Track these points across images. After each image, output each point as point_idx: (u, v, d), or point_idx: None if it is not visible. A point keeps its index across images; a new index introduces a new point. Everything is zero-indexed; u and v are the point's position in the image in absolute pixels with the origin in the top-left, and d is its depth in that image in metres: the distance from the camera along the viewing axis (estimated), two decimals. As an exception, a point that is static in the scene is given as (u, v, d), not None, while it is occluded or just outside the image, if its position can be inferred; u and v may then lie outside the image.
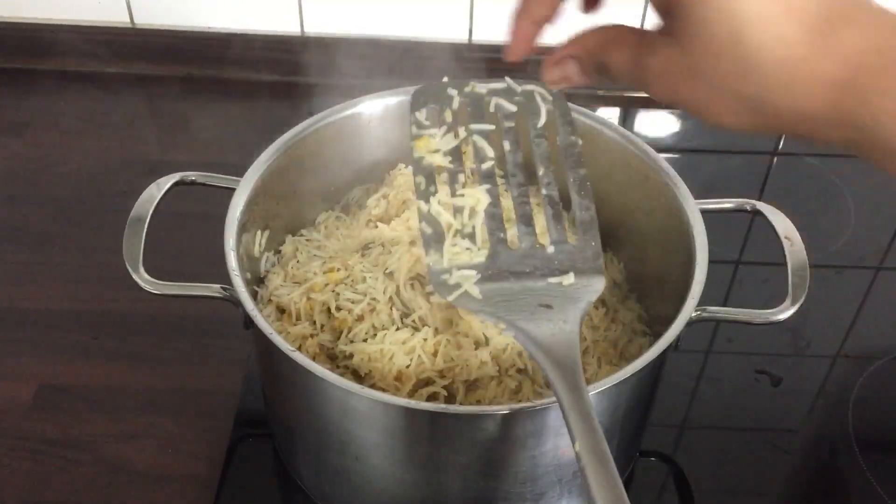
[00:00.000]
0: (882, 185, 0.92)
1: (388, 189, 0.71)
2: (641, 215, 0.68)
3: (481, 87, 0.54)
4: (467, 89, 0.54)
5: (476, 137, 0.53)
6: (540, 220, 0.53)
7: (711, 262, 0.60)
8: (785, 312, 0.60)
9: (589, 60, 0.41)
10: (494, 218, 0.53)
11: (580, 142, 0.53)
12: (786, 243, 0.63)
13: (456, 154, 0.54)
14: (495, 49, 0.48)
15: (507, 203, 0.54)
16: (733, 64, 0.33)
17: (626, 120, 1.04)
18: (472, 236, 0.53)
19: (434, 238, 0.52)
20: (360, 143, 0.73)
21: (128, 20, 1.04)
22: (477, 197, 0.53)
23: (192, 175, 0.67)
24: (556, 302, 0.50)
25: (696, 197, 0.64)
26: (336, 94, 0.76)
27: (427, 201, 0.53)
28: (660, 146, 0.98)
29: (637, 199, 0.68)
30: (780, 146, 1.01)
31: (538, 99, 0.54)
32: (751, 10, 0.32)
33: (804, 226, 0.65)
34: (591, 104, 1.00)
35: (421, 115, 0.54)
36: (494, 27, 1.02)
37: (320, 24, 1.04)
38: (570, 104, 0.55)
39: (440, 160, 0.53)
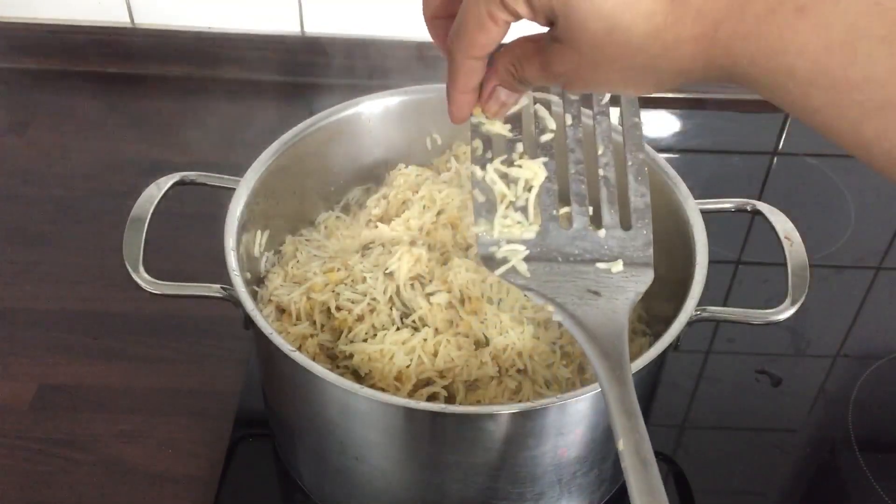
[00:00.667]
0: (882, 184, 0.92)
1: (388, 189, 0.71)
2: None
3: None
4: None
5: (538, 107, 0.51)
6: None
7: (711, 262, 0.60)
8: (785, 312, 0.60)
9: (511, 81, 0.45)
10: (549, 193, 0.51)
11: (643, 124, 0.52)
12: (786, 243, 0.63)
13: (516, 122, 0.51)
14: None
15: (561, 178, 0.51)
16: (617, 48, 0.38)
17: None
18: (524, 210, 0.51)
19: (486, 207, 0.51)
20: (360, 143, 0.73)
21: (128, 20, 1.04)
22: (534, 170, 0.50)
23: (192, 175, 0.67)
24: (605, 290, 0.48)
25: (696, 197, 0.64)
26: (336, 94, 0.76)
27: (483, 168, 0.51)
28: (660, 146, 0.98)
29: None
30: (780, 146, 1.01)
31: None
32: (613, 1, 0.37)
33: (804, 226, 0.65)
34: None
35: None
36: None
37: (320, 24, 1.04)
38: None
39: (499, 127, 0.50)
